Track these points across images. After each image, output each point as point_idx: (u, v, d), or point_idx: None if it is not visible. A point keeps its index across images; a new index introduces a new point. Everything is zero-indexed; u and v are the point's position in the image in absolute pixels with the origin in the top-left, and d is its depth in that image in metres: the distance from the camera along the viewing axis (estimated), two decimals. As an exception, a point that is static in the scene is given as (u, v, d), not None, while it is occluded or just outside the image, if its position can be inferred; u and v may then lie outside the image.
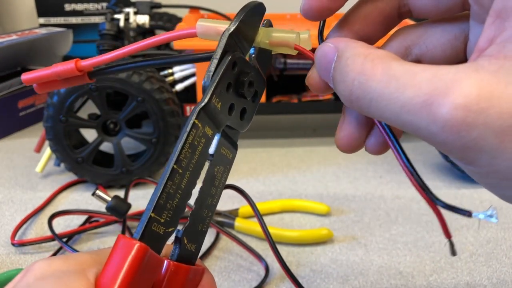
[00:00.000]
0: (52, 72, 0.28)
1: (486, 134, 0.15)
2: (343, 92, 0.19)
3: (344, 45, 0.20)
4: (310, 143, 0.66)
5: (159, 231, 0.19)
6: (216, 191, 0.22)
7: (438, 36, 0.21)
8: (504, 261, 0.41)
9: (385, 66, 0.17)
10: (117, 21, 0.61)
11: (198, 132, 0.20)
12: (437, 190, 0.52)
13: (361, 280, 0.39)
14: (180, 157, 0.19)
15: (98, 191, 0.40)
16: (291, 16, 0.72)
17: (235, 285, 0.38)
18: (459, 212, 0.18)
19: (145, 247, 0.18)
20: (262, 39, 0.22)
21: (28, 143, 0.64)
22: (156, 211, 0.18)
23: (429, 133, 0.16)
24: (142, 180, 0.49)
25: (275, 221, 0.47)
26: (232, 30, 0.21)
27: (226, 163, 0.23)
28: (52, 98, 0.49)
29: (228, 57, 0.21)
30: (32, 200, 0.50)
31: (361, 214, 0.48)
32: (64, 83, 0.29)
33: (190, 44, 0.56)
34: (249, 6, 0.22)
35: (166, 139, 0.51)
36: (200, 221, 0.21)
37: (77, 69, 0.27)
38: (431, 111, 0.16)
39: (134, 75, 0.48)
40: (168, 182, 0.19)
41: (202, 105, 0.20)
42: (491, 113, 0.15)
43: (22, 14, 0.93)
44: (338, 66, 0.19)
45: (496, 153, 0.15)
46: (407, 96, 0.16)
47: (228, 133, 0.23)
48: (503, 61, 0.16)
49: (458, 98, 0.15)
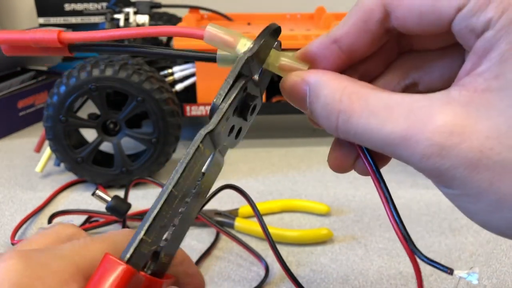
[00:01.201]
0: (30, 38, 0.25)
1: (457, 165, 0.17)
2: (328, 127, 0.20)
3: (315, 80, 0.20)
4: (310, 143, 0.66)
5: (145, 251, 0.18)
6: (200, 204, 0.22)
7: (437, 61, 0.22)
8: (504, 261, 0.41)
9: (362, 102, 0.18)
10: (117, 21, 0.61)
11: (198, 155, 0.19)
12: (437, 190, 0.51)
13: (361, 280, 0.39)
14: (179, 180, 0.19)
15: (98, 191, 0.40)
16: (291, 16, 0.72)
17: (235, 285, 0.38)
18: (440, 268, 0.19)
19: (132, 271, 0.17)
20: (272, 62, 0.22)
21: (28, 143, 0.64)
22: (147, 234, 0.18)
23: (410, 162, 0.18)
24: (142, 180, 0.49)
25: (275, 221, 0.47)
26: (251, 55, 0.20)
27: (213, 178, 0.22)
28: (52, 98, 0.49)
29: (241, 81, 0.20)
30: (32, 200, 0.50)
31: (361, 214, 0.48)
32: (40, 51, 0.26)
33: (190, 44, 0.56)
34: (269, 30, 0.21)
35: (166, 139, 0.51)
36: (179, 234, 0.21)
37: (59, 40, 0.25)
38: (410, 146, 0.17)
39: (134, 75, 0.48)
40: (164, 206, 0.18)
41: (209, 130, 0.19)
42: (462, 148, 0.16)
43: (21, 14, 0.93)
44: (317, 102, 0.20)
45: (466, 181, 0.17)
46: (387, 132, 0.18)
47: (220, 150, 0.22)
48: (472, 93, 0.17)
49: (433, 134, 0.17)
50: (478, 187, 0.17)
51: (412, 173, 0.55)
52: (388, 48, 0.22)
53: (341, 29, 0.20)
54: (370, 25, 0.20)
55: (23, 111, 0.71)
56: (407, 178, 0.55)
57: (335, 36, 0.21)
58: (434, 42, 0.21)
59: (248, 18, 0.72)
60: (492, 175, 0.16)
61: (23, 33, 0.26)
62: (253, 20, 0.71)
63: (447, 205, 0.49)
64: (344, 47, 0.21)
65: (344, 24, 0.20)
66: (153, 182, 0.44)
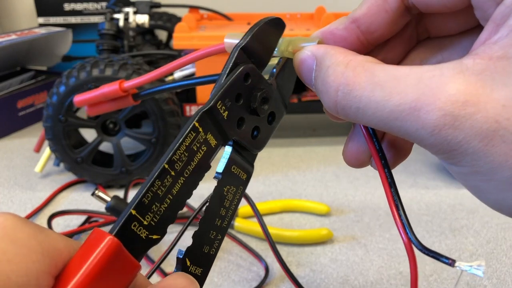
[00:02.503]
0: (100, 93, 0.29)
1: (471, 138, 0.15)
2: (327, 102, 0.19)
3: (322, 53, 0.19)
4: (310, 143, 0.66)
5: (141, 234, 0.17)
6: (227, 212, 0.20)
7: (455, 46, 0.21)
8: (504, 261, 0.41)
9: (368, 74, 0.17)
10: (117, 20, 0.60)
11: (198, 137, 0.19)
12: (437, 190, 0.52)
13: (361, 280, 0.39)
14: (173, 157, 0.18)
15: (97, 191, 0.40)
16: (291, 15, 0.72)
17: (235, 285, 0.38)
18: (442, 261, 0.18)
19: (117, 241, 0.16)
20: (285, 48, 0.22)
21: (28, 143, 0.64)
22: (138, 209, 0.17)
23: (418, 137, 0.16)
24: (142, 180, 0.49)
25: (275, 221, 0.47)
26: (243, 44, 0.20)
27: (239, 183, 0.21)
28: (51, 98, 0.49)
29: (240, 67, 0.20)
30: (32, 200, 0.50)
31: (361, 214, 0.48)
32: (112, 105, 0.30)
33: (190, 44, 0.56)
34: (263, 20, 0.21)
35: (165, 139, 0.51)
36: (206, 242, 0.20)
37: (121, 89, 0.29)
38: (419, 117, 0.16)
39: (133, 75, 0.48)
40: (156, 181, 0.17)
41: (205, 109, 0.19)
42: (477, 118, 0.15)
43: (21, 14, 0.92)
44: (319, 75, 0.19)
45: (479, 155, 0.16)
46: (394, 103, 0.16)
47: (241, 152, 0.21)
48: (487, 61, 0.16)
49: (445, 104, 0.15)
50: (492, 161, 0.15)
51: (412, 173, 0.55)
52: (407, 35, 0.22)
53: (360, 9, 0.20)
54: (390, 2, 0.19)
55: (23, 111, 0.71)
56: (407, 178, 0.55)
57: (354, 16, 0.20)
58: (451, 24, 0.21)
59: (248, 18, 0.72)
60: (508, 148, 0.15)
61: (93, 91, 0.30)
62: (253, 20, 0.71)
63: (447, 205, 0.49)
64: (363, 27, 0.20)
65: (363, 4, 0.20)
66: (153, 182, 0.44)
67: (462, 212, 0.48)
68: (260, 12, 0.73)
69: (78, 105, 0.32)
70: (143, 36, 0.77)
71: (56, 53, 0.81)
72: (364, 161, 0.22)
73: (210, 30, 0.62)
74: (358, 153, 0.22)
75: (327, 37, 0.21)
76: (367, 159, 0.22)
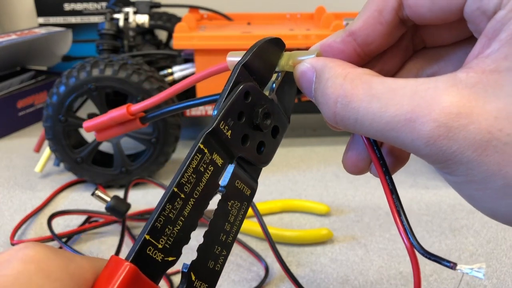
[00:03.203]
0: (108, 118, 0.30)
1: (465, 148, 0.16)
2: (327, 113, 0.19)
3: (321, 65, 0.20)
4: (310, 143, 0.66)
5: (156, 257, 0.17)
6: (232, 228, 0.21)
7: (450, 56, 0.21)
8: (504, 261, 0.41)
9: (366, 86, 0.18)
10: (117, 20, 0.60)
11: (204, 158, 0.19)
12: (437, 190, 0.52)
13: (361, 280, 0.39)
14: (182, 180, 0.18)
15: (97, 191, 0.40)
16: (291, 15, 0.72)
17: (235, 285, 0.38)
18: (444, 264, 0.18)
19: (134, 267, 0.17)
20: (285, 62, 0.22)
21: (28, 143, 0.64)
22: (152, 233, 0.17)
23: (414, 147, 0.17)
24: (142, 180, 0.49)
25: (275, 221, 0.47)
26: (244, 61, 0.21)
27: (243, 199, 0.21)
28: (51, 98, 0.49)
29: (239, 86, 0.21)
30: (32, 200, 0.50)
31: (361, 214, 0.48)
32: (120, 129, 0.31)
33: (189, 44, 0.56)
34: (264, 40, 0.22)
35: (165, 139, 0.51)
36: (210, 257, 0.20)
37: (128, 113, 0.30)
38: (415, 128, 0.16)
39: (133, 75, 0.48)
40: (167, 205, 0.18)
41: (208, 130, 0.19)
42: (470, 129, 0.16)
43: (21, 14, 0.92)
44: (318, 87, 0.20)
45: (473, 165, 0.16)
46: (390, 115, 0.17)
47: (245, 167, 0.22)
48: (480, 75, 0.16)
49: (439, 115, 0.16)
50: (485, 171, 0.16)
51: (412, 173, 0.55)
52: (403, 46, 0.22)
53: (356, 22, 0.21)
54: (385, 15, 0.20)
55: (23, 111, 0.71)
56: (407, 178, 0.55)
57: (351, 29, 0.21)
58: (445, 35, 0.21)
59: (248, 18, 0.72)
60: (501, 158, 0.16)
61: (101, 116, 0.31)
62: (253, 20, 0.71)
63: (447, 205, 0.49)
64: (360, 40, 0.21)
65: (359, 17, 0.21)
66: (153, 182, 0.44)
67: (462, 212, 0.48)
68: (260, 12, 0.73)
69: (88, 131, 0.33)
70: (143, 36, 0.77)
71: (56, 53, 0.81)
72: (363, 168, 0.23)
73: (210, 30, 0.62)
74: (358, 160, 0.23)
75: (325, 49, 0.22)
76: (366, 166, 0.23)
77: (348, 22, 0.63)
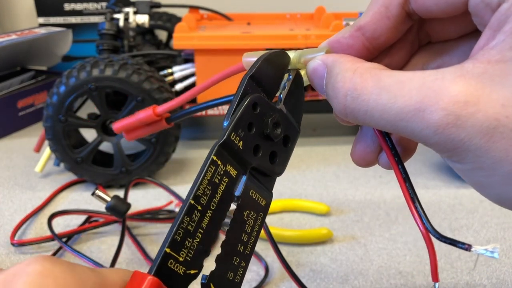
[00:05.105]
0: (136, 119, 0.32)
1: (473, 135, 0.16)
2: (337, 106, 0.20)
3: (332, 61, 0.21)
4: (310, 143, 0.66)
5: (178, 271, 0.18)
6: (249, 239, 0.21)
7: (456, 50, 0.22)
8: (504, 261, 0.41)
9: (375, 79, 0.18)
10: (117, 20, 0.60)
11: (218, 170, 0.19)
12: (436, 190, 0.52)
13: (361, 280, 0.39)
14: (198, 193, 0.18)
15: (97, 191, 0.40)
16: (291, 15, 0.72)
17: (235, 285, 0.38)
18: (459, 246, 0.19)
19: (157, 280, 0.17)
20: (297, 60, 0.23)
21: (28, 143, 0.64)
22: (172, 247, 0.17)
23: (423, 137, 0.18)
24: (142, 180, 0.49)
25: (275, 221, 0.47)
26: (251, 73, 0.21)
27: (259, 209, 0.21)
28: (51, 98, 0.49)
29: (247, 98, 0.21)
30: (32, 200, 0.50)
31: (361, 214, 0.48)
32: (147, 129, 0.32)
33: (189, 44, 0.56)
34: (269, 52, 0.22)
35: (165, 138, 0.51)
36: (230, 268, 0.20)
37: (154, 114, 0.31)
38: (424, 117, 0.17)
39: (133, 75, 0.48)
40: (185, 218, 0.18)
41: (220, 142, 0.20)
42: (478, 117, 0.16)
43: (21, 14, 0.93)
44: (329, 82, 0.20)
45: (481, 152, 0.17)
46: (399, 106, 0.18)
47: (259, 178, 0.22)
48: (486, 65, 0.17)
49: (448, 104, 0.17)
50: (493, 157, 0.16)
51: (412, 173, 0.55)
52: (409, 40, 0.23)
53: (364, 17, 0.21)
54: (391, 9, 0.21)
55: (23, 111, 0.71)
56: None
57: (359, 24, 0.21)
58: (450, 29, 0.22)
59: (248, 18, 0.72)
60: (508, 144, 0.16)
61: (129, 117, 0.32)
62: (253, 20, 0.71)
63: (447, 205, 0.49)
64: (368, 34, 0.21)
65: (367, 12, 0.21)
66: (153, 182, 0.44)
67: (462, 212, 0.48)
68: (260, 12, 0.73)
69: (117, 132, 0.34)
70: (143, 36, 0.77)
71: (56, 53, 0.81)
72: (371, 160, 0.24)
73: (210, 30, 0.62)
74: (366, 153, 0.24)
75: (334, 46, 0.22)
76: (374, 158, 0.24)
77: (348, 22, 0.63)
